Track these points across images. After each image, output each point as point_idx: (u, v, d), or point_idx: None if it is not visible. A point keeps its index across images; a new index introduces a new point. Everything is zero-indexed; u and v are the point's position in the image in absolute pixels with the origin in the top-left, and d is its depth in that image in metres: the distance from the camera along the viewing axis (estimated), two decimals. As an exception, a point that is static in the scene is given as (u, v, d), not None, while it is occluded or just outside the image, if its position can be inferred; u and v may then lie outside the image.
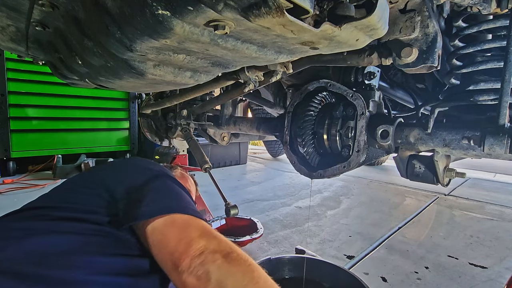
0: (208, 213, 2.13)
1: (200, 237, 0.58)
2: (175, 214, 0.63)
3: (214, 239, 0.59)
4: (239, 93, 1.20)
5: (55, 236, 0.58)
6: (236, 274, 0.53)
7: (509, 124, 0.74)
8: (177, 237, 0.59)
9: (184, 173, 1.24)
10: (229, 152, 4.70)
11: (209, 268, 0.53)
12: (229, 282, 0.52)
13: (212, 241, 0.58)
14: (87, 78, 0.98)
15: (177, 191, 0.72)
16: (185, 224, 0.62)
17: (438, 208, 2.80)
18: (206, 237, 0.58)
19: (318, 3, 0.50)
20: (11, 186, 3.09)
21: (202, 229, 0.61)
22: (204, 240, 0.57)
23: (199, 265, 0.53)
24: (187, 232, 0.59)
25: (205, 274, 0.52)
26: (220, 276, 0.52)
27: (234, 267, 0.54)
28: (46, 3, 0.67)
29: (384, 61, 0.84)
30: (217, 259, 0.54)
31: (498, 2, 0.73)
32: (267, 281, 0.55)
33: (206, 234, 0.59)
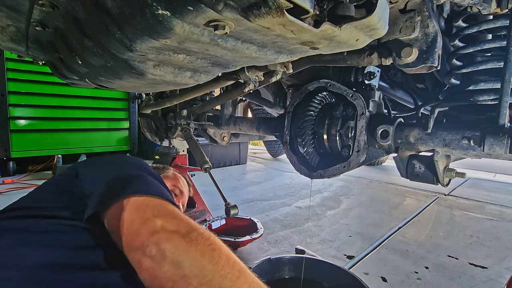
0: (208, 213, 2.13)
1: (155, 216, 0.54)
2: (131, 196, 0.59)
3: (173, 218, 0.55)
4: (239, 93, 1.20)
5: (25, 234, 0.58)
6: (194, 253, 0.49)
7: (509, 124, 0.74)
8: (131, 217, 0.55)
9: (177, 173, 1.24)
10: (229, 152, 4.70)
11: (164, 247, 0.49)
12: (186, 262, 0.48)
13: (169, 221, 0.54)
14: (87, 78, 0.98)
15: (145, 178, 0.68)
16: (140, 205, 0.58)
17: (438, 208, 2.80)
18: (162, 216, 0.55)
19: (318, 3, 0.50)
20: (11, 186, 3.09)
21: (159, 208, 0.57)
22: (160, 220, 0.53)
23: (153, 244, 0.50)
24: (142, 213, 0.56)
25: (159, 254, 0.49)
26: (176, 256, 0.49)
27: (192, 247, 0.50)
28: (46, 3, 0.67)
29: (384, 61, 0.84)
30: (174, 238, 0.50)
31: (498, 2, 0.73)
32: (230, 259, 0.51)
33: (163, 213, 0.56)
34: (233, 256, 0.53)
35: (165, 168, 1.26)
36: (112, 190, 0.62)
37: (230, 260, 0.51)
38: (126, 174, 0.69)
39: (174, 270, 0.48)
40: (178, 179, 1.20)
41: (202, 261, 0.49)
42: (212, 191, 2.19)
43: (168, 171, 1.22)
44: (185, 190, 1.19)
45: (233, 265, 0.51)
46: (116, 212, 0.58)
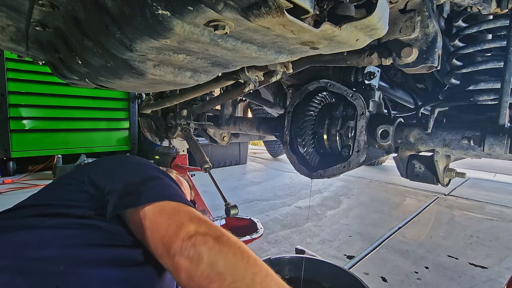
0: (208, 213, 2.13)
1: (190, 221, 0.59)
2: (164, 201, 0.63)
3: (204, 223, 0.60)
4: (239, 93, 1.20)
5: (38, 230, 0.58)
6: (227, 254, 0.54)
7: (509, 124, 0.74)
8: (167, 222, 0.59)
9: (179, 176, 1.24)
10: (229, 152, 4.70)
11: (200, 250, 0.54)
12: (221, 262, 0.53)
13: (202, 225, 0.58)
14: (87, 78, 0.98)
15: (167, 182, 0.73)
16: (174, 210, 0.62)
17: (438, 208, 2.81)
18: (196, 221, 0.59)
19: (318, 3, 0.50)
20: (11, 186, 3.09)
21: (191, 214, 0.62)
22: (194, 224, 0.58)
23: (191, 247, 0.54)
24: (177, 217, 0.60)
25: (197, 256, 0.53)
26: (211, 257, 0.53)
27: (225, 248, 0.55)
28: (46, 3, 0.67)
29: (384, 61, 0.84)
30: (208, 241, 0.55)
31: (498, 2, 0.73)
32: (257, 260, 0.57)
33: (196, 219, 0.60)
34: (259, 259, 0.58)
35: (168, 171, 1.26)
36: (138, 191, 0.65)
37: (257, 261, 0.57)
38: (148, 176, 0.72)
39: (211, 268, 0.53)
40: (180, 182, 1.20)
41: (234, 261, 0.54)
42: (212, 191, 2.19)
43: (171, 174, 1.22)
44: (187, 193, 1.20)
45: (261, 266, 0.57)
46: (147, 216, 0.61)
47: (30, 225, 0.59)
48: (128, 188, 0.66)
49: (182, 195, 0.69)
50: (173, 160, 2.26)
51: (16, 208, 0.67)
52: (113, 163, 0.81)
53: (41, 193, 0.73)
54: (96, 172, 0.75)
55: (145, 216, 0.61)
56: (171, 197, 0.65)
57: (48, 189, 0.74)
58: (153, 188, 0.67)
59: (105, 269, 0.57)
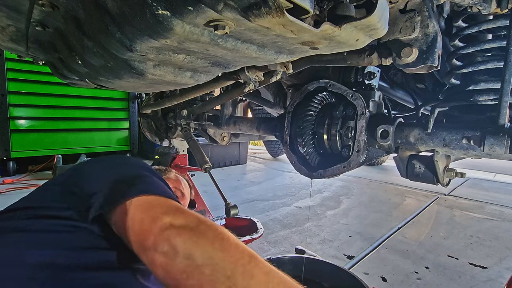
0: (208, 213, 2.13)
1: (164, 213, 0.56)
2: (139, 196, 0.60)
3: (181, 214, 0.56)
4: (239, 93, 1.20)
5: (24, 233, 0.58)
6: (205, 245, 0.50)
7: (509, 124, 0.74)
8: (141, 217, 0.56)
9: (178, 175, 1.24)
10: (229, 152, 4.70)
11: (175, 243, 0.50)
12: (197, 254, 0.49)
13: (177, 217, 0.55)
14: (87, 78, 0.98)
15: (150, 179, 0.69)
16: (149, 204, 0.59)
17: (438, 208, 2.81)
18: (171, 213, 0.56)
19: (318, 3, 0.50)
20: (11, 186, 3.09)
21: (168, 206, 0.59)
22: (169, 217, 0.55)
23: (164, 241, 0.51)
24: (151, 211, 0.57)
25: (172, 249, 0.50)
26: (187, 249, 0.50)
27: (202, 238, 0.51)
28: (46, 3, 0.67)
29: (384, 61, 0.83)
30: (183, 233, 0.52)
31: (498, 2, 0.73)
32: (239, 247, 0.53)
33: (172, 210, 0.57)
34: (242, 244, 0.54)
35: (167, 170, 1.25)
36: (118, 190, 0.63)
37: (239, 247, 0.52)
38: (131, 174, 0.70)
39: (187, 262, 0.49)
40: (179, 181, 1.20)
41: (212, 251, 0.50)
42: (212, 191, 2.19)
43: (170, 173, 1.22)
44: (186, 192, 1.20)
45: (243, 252, 0.52)
46: (123, 212, 0.59)
47: (17, 228, 0.59)
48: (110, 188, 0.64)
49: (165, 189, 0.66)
50: (173, 160, 2.26)
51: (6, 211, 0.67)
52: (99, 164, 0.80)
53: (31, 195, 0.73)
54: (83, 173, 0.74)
55: (122, 213, 0.59)
56: (149, 191, 0.62)
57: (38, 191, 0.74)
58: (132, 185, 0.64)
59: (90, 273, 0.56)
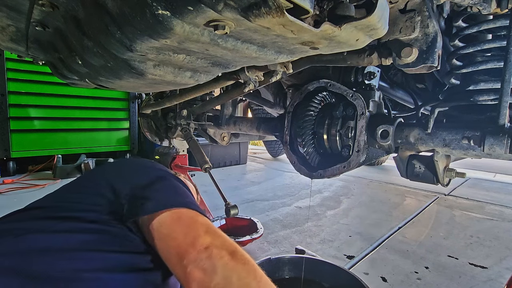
0: (208, 213, 2.13)
1: (206, 233, 0.59)
2: (181, 208, 0.64)
3: (220, 236, 0.60)
4: (239, 93, 1.20)
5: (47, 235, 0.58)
6: (241, 271, 0.54)
7: (509, 124, 0.74)
8: (184, 232, 0.59)
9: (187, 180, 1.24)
10: (229, 152, 4.70)
11: (215, 263, 0.54)
12: (234, 278, 0.53)
13: (217, 238, 0.59)
14: (87, 78, 0.98)
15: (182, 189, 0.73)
16: (191, 219, 0.63)
17: (438, 208, 2.81)
18: (212, 233, 0.59)
19: (318, 3, 0.50)
20: (11, 186, 3.09)
21: (207, 226, 0.62)
22: (210, 237, 0.58)
23: (206, 258, 0.54)
24: (194, 227, 0.60)
25: (211, 268, 0.53)
26: (226, 272, 0.53)
27: (239, 265, 0.55)
28: (46, 3, 0.67)
29: (384, 61, 0.84)
30: (224, 256, 0.55)
31: (498, 2, 0.73)
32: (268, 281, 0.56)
33: (212, 231, 0.60)
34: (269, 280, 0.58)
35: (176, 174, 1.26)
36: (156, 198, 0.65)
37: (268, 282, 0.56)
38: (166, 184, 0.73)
39: (224, 283, 0.52)
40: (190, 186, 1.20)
41: (247, 278, 0.54)
42: (212, 191, 2.19)
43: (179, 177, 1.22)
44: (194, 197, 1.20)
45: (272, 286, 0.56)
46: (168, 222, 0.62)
47: (39, 229, 0.59)
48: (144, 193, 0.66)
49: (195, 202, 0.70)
50: (173, 160, 2.26)
51: (28, 209, 0.67)
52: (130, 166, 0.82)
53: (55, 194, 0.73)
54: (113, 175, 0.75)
55: (162, 223, 0.62)
56: (188, 205, 0.66)
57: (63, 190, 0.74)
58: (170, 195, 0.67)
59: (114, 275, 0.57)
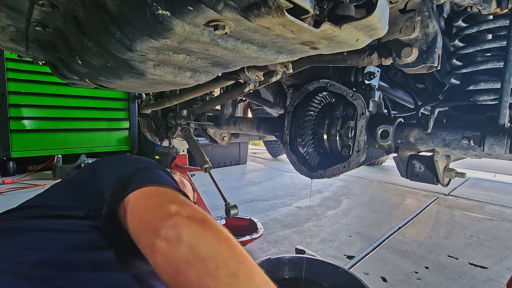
0: (208, 213, 2.13)
1: (170, 202, 0.55)
2: (145, 186, 0.59)
3: (188, 206, 0.55)
4: (239, 93, 1.20)
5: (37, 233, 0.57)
6: (211, 239, 0.49)
7: (509, 124, 0.74)
8: (145, 205, 0.56)
9: (182, 178, 1.24)
10: (229, 152, 4.70)
11: (181, 231, 0.49)
12: (203, 247, 0.48)
13: (185, 208, 0.54)
14: (87, 78, 0.98)
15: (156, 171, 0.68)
16: (155, 192, 0.59)
17: (438, 208, 2.80)
18: (178, 203, 0.55)
19: (318, 3, 0.50)
20: (11, 186, 3.09)
21: (174, 197, 0.58)
22: (175, 206, 0.53)
23: (170, 227, 0.49)
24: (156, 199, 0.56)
25: (176, 237, 0.48)
26: (193, 240, 0.48)
27: (209, 233, 0.50)
28: (46, 3, 0.67)
29: (384, 61, 0.83)
30: (190, 223, 0.50)
31: (498, 2, 0.73)
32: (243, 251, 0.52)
33: (179, 201, 0.56)
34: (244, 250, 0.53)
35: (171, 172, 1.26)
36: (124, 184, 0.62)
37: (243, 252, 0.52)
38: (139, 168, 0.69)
39: (191, 252, 0.48)
40: (184, 184, 1.20)
41: (219, 247, 0.49)
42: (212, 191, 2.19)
43: (175, 175, 1.22)
44: (190, 195, 1.20)
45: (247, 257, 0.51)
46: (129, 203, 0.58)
47: (30, 228, 0.59)
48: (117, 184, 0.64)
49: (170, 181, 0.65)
50: (173, 160, 2.26)
51: (19, 209, 0.67)
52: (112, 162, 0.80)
53: (45, 193, 0.72)
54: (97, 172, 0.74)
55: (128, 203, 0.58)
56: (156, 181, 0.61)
57: (53, 189, 0.74)
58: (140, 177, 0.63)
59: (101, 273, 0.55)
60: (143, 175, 0.65)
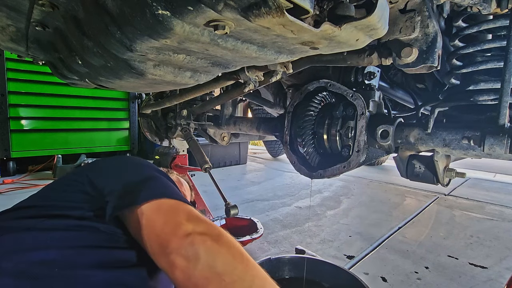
0: (208, 213, 2.13)
1: (187, 220, 0.57)
2: (161, 199, 0.62)
3: (203, 222, 0.58)
4: (239, 93, 1.20)
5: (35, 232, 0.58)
6: (226, 255, 0.53)
7: (509, 124, 0.74)
8: (164, 220, 0.58)
9: (180, 178, 1.24)
10: (229, 152, 4.70)
11: (198, 249, 0.52)
12: (219, 263, 0.51)
13: (200, 225, 0.57)
14: (87, 78, 0.98)
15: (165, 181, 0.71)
16: (171, 208, 0.61)
17: (438, 208, 2.80)
18: (194, 220, 0.58)
19: (318, 3, 0.50)
20: (11, 186, 3.09)
21: (189, 213, 0.60)
22: (192, 223, 0.57)
23: (188, 245, 0.53)
24: (174, 215, 0.59)
25: (194, 255, 0.52)
26: (210, 257, 0.52)
27: (224, 249, 0.54)
28: (46, 3, 0.67)
29: (384, 61, 0.84)
30: (207, 240, 0.53)
31: (498, 2, 0.73)
32: (256, 264, 0.55)
33: (194, 217, 0.59)
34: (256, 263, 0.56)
35: (168, 172, 1.26)
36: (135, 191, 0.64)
37: (256, 265, 0.55)
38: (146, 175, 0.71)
39: (209, 269, 0.51)
40: (181, 183, 1.20)
41: (233, 262, 0.53)
42: (212, 191, 2.19)
43: (172, 175, 1.22)
44: (187, 194, 1.20)
45: (260, 270, 0.55)
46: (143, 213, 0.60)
47: (27, 227, 0.59)
48: (126, 188, 0.65)
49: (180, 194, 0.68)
50: (173, 160, 2.26)
51: (15, 209, 0.67)
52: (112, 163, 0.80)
53: (40, 193, 0.72)
54: (95, 172, 0.74)
55: (142, 214, 0.60)
56: (169, 195, 0.64)
57: (48, 189, 0.74)
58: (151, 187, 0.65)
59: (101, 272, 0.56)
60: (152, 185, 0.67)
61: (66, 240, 0.58)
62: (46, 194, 0.71)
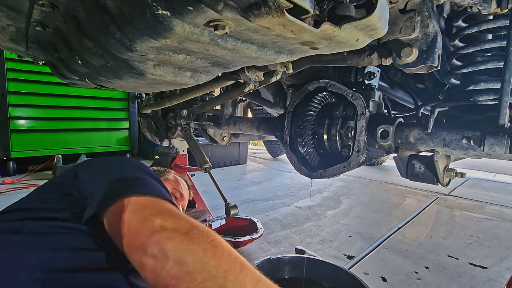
0: (208, 213, 2.13)
1: (154, 215, 0.55)
2: (132, 196, 0.59)
3: (172, 217, 0.55)
4: (239, 93, 1.20)
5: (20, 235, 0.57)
6: (197, 251, 0.50)
7: (509, 124, 0.74)
8: (130, 218, 0.56)
9: (177, 176, 1.24)
10: (229, 152, 4.70)
11: (165, 247, 0.49)
12: (189, 260, 0.48)
13: (169, 219, 0.54)
14: (87, 78, 0.98)
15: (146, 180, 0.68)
16: (139, 205, 0.58)
17: (438, 208, 2.80)
18: (161, 215, 0.55)
19: (318, 3, 0.50)
20: (11, 186, 3.09)
21: (159, 208, 0.58)
22: (159, 219, 0.54)
23: (154, 243, 0.50)
24: (141, 212, 0.56)
25: (162, 253, 0.49)
26: (178, 254, 0.49)
27: (194, 244, 0.50)
28: (46, 3, 0.67)
29: (384, 61, 0.84)
30: (175, 237, 0.51)
31: (498, 2, 0.73)
32: (231, 255, 0.52)
33: (162, 212, 0.56)
34: (234, 251, 0.53)
35: (166, 171, 1.25)
36: (111, 191, 0.62)
37: (231, 255, 0.52)
38: (127, 176, 0.69)
39: (177, 267, 0.48)
40: (178, 182, 1.20)
41: (205, 258, 0.49)
42: (212, 191, 2.19)
43: (169, 174, 1.22)
44: (185, 193, 1.19)
45: (235, 260, 0.51)
46: (115, 213, 0.58)
47: (13, 230, 0.59)
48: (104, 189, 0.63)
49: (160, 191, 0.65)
50: (173, 160, 2.26)
51: (3, 212, 0.67)
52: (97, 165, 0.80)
53: (29, 196, 0.73)
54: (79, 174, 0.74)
55: (114, 213, 0.58)
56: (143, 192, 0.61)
57: (36, 192, 0.74)
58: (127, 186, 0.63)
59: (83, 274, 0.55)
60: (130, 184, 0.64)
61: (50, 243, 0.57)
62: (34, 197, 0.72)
